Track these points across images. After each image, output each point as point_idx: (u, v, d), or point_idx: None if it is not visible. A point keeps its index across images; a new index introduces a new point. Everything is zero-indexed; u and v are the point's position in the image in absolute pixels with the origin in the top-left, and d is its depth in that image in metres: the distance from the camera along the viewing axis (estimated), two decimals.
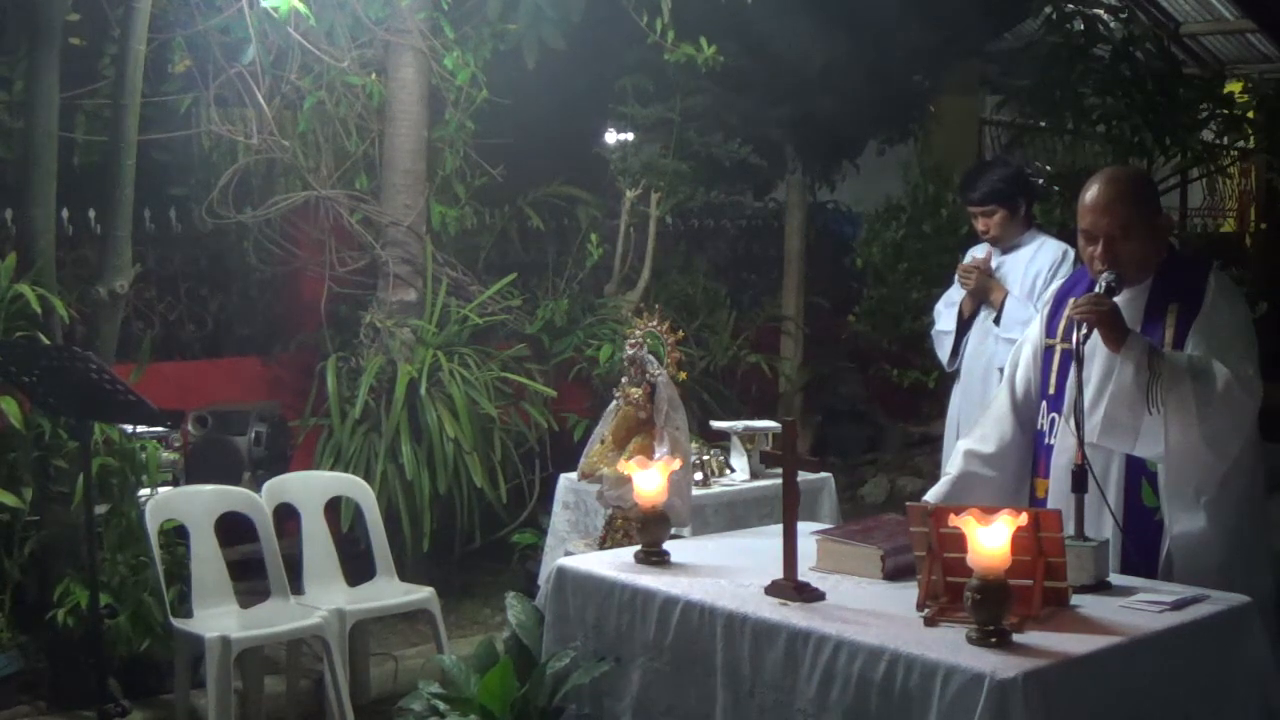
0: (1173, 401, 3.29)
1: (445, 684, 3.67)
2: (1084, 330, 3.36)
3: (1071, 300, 3.55)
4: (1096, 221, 3.48)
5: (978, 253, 5.49)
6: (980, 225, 5.35)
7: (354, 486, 5.31)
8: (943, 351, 5.53)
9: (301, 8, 5.33)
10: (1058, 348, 3.65)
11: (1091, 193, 3.51)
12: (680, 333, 4.52)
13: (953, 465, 3.79)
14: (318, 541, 5.07)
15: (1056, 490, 3.55)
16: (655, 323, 4.35)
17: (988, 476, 3.71)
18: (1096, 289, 3.45)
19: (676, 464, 3.80)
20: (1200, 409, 3.29)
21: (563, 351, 7.02)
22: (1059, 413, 3.58)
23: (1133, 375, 3.32)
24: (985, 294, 5.30)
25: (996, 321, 5.22)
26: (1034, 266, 5.26)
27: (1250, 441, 3.43)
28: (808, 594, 3.15)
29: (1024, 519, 2.86)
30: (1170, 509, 3.44)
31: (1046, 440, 3.65)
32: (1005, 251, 5.35)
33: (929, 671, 2.73)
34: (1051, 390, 3.65)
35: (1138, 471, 3.50)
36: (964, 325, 5.42)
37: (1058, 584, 3.02)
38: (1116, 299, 3.43)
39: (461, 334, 6.37)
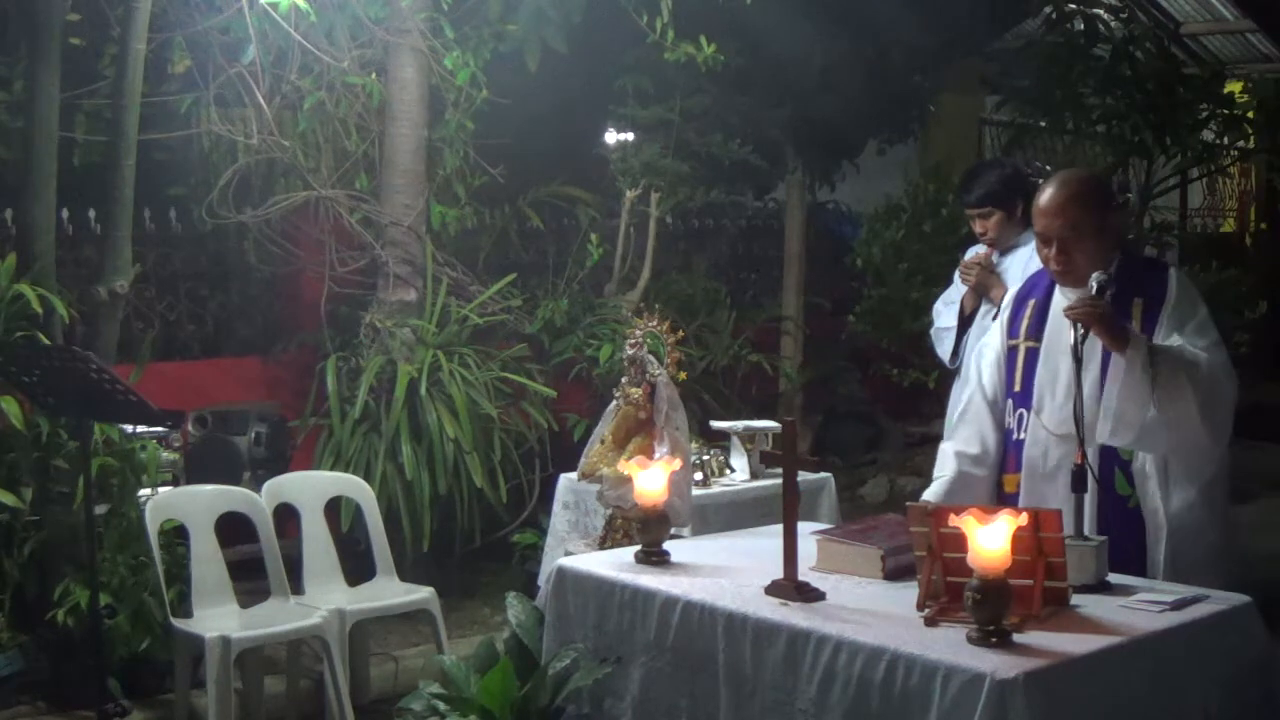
0: (1174, 392, 3.38)
1: (445, 684, 3.67)
2: (1081, 331, 3.42)
3: (1065, 307, 3.60)
4: (1049, 224, 3.60)
5: (978, 250, 5.49)
6: (978, 228, 5.36)
7: (354, 486, 5.31)
8: (943, 348, 5.53)
9: (303, 4, 5.33)
10: (1021, 346, 3.75)
11: (1044, 196, 3.63)
12: (680, 333, 4.52)
13: (944, 468, 3.83)
14: (318, 541, 5.07)
15: (1029, 485, 3.64)
16: (655, 323, 4.34)
17: (980, 475, 3.79)
18: (1090, 289, 3.51)
19: (676, 464, 3.80)
20: (1197, 396, 3.39)
21: (563, 351, 7.01)
22: (1026, 408, 3.68)
23: (1140, 371, 3.39)
24: (986, 290, 5.29)
25: (996, 319, 5.21)
26: (1032, 265, 5.25)
27: None
28: (808, 594, 3.15)
29: (1024, 519, 2.86)
30: (1167, 497, 3.52)
31: (1015, 436, 3.73)
32: (1004, 253, 5.35)
33: (929, 671, 2.73)
34: (1017, 388, 3.74)
35: (1111, 462, 3.57)
36: (964, 323, 5.42)
37: (1058, 584, 3.02)
38: (1065, 293, 3.58)
39: (461, 334, 6.36)
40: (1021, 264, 5.29)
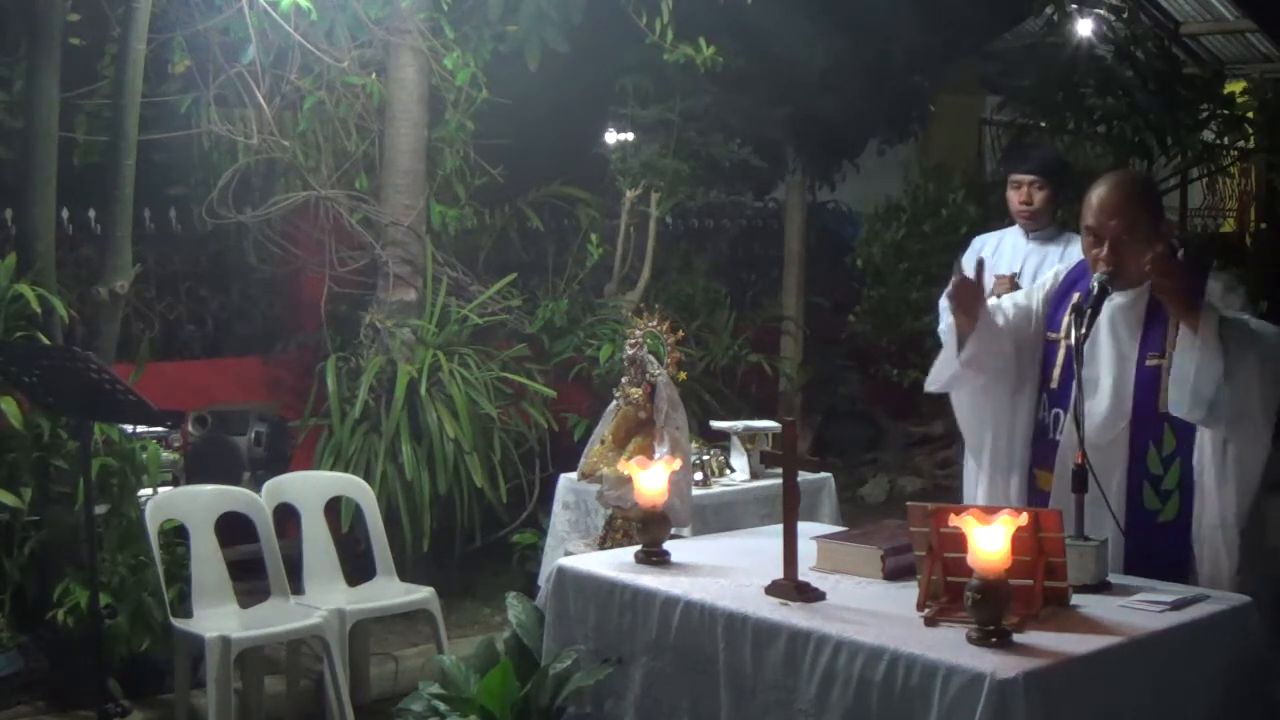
0: (1239, 364, 3.31)
1: (445, 684, 3.67)
2: (1084, 330, 3.40)
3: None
4: (1104, 223, 3.52)
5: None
6: (1023, 195, 5.18)
7: (354, 486, 5.31)
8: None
9: (303, 3, 5.33)
10: (1061, 342, 3.65)
11: (1100, 193, 3.54)
12: (680, 333, 4.51)
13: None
14: (318, 541, 5.07)
15: (1060, 488, 3.56)
16: (655, 323, 4.34)
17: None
18: (1090, 287, 3.48)
19: (676, 464, 3.80)
20: (1262, 371, 3.32)
21: (563, 351, 7.01)
22: (1063, 409, 3.58)
23: (1214, 342, 3.31)
24: None
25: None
26: (1064, 265, 5.22)
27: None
28: (808, 594, 3.15)
29: (1024, 519, 2.86)
30: (1201, 512, 3.44)
31: (1051, 435, 3.63)
32: (1034, 239, 5.23)
33: (929, 671, 2.72)
34: (1054, 385, 3.65)
35: (1140, 475, 3.50)
36: None
37: (1058, 584, 3.02)
38: (1110, 298, 3.49)
39: (461, 334, 6.36)
40: (1052, 264, 5.24)
